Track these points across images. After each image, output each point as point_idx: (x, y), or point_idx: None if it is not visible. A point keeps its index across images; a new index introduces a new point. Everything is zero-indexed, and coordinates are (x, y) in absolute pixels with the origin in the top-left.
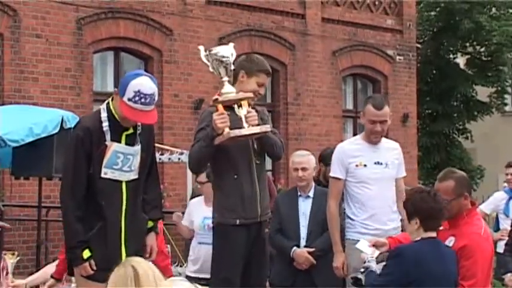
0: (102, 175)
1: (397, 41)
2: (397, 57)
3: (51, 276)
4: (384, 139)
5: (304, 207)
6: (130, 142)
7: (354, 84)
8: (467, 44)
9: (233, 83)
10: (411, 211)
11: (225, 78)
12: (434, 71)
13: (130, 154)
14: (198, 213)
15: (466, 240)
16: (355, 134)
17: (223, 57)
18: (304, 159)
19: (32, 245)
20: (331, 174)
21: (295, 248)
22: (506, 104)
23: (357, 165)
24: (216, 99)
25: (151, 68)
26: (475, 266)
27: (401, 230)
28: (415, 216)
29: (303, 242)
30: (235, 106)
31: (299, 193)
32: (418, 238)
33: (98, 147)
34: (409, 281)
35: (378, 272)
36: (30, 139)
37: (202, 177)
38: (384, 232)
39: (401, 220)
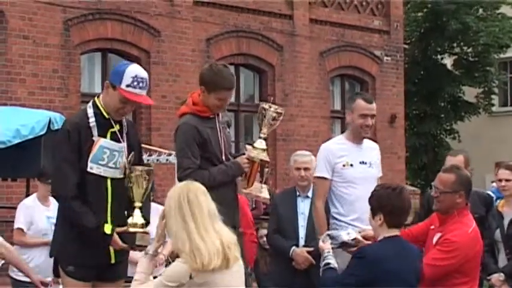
0: (88, 169)
1: (385, 41)
2: (385, 57)
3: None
4: (364, 139)
5: (303, 207)
6: (115, 139)
7: (342, 85)
8: (455, 45)
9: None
10: (375, 206)
11: (263, 136)
12: (421, 72)
13: (116, 150)
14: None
15: (449, 235)
16: None
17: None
18: (307, 159)
19: None
20: (317, 174)
21: (294, 247)
22: (493, 105)
23: (344, 165)
24: (252, 157)
25: None
26: (447, 254)
27: None
28: (379, 212)
29: (301, 242)
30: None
31: (298, 193)
32: (381, 237)
33: (85, 142)
34: (369, 281)
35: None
36: (18, 140)
37: None
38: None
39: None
